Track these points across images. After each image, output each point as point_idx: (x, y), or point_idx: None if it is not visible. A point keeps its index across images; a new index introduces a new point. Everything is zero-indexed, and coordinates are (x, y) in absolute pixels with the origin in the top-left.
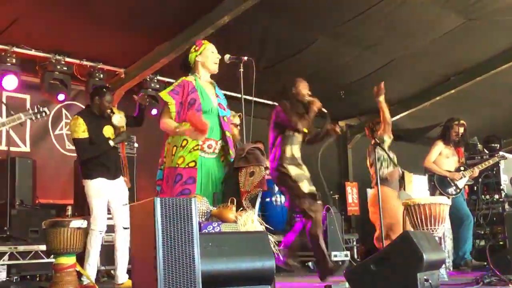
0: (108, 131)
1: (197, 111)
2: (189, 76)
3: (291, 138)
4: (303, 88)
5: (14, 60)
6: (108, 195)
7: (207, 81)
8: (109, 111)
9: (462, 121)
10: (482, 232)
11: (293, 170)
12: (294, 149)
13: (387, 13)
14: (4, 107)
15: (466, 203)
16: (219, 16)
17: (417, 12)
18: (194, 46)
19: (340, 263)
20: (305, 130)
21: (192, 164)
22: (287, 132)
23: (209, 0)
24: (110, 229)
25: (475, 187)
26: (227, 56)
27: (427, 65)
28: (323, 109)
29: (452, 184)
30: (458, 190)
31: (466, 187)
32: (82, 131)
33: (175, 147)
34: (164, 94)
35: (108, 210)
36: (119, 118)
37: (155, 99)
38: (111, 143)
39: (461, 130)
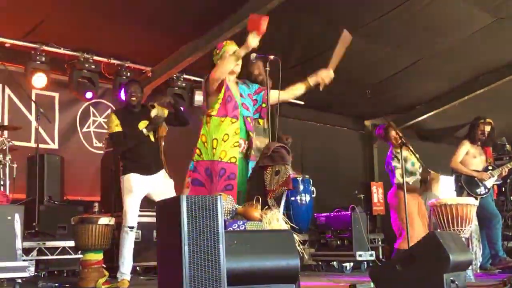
0: (143, 125)
1: (235, 108)
2: None
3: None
4: (255, 69)
5: (43, 59)
6: (145, 191)
7: (233, 81)
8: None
9: (488, 120)
10: (510, 234)
11: None
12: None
13: (415, 12)
14: (33, 105)
15: (494, 203)
16: (245, 15)
17: (445, 11)
18: (216, 49)
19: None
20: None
21: (233, 160)
22: None
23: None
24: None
25: (503, 188)
26: (253, 55)
27: (455, 64)
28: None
29: (480, 184)
30: (486, 190)
31: (495, 187)
32: (115, 125)
33: (215, 140)
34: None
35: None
36: (157, 111)
37: (181, 97)
38: (144, 131)
39: (488, 128)
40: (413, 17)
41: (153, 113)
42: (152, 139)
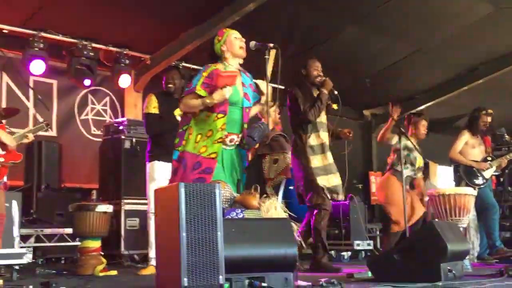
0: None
1: (223, 103)
2: (218, 64)
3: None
4: (315, 69)
5: (41, 45)
6: (166, 179)
7: (237, 68)
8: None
9: (490, 111)
10: (508, 224)
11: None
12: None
13: (416, 1)
14: (31, 92)
15: (493, 194)
16: (245, 3)
17: (446, 0)
18: (217, 37)
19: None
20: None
21: (213, 156)
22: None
23: None
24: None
25: (501, 179)
26: (252, 43)
27: (455, 54)
28: (335, 91)
29: (479, 175)
30: (485, 181)
31: (493, 178)
32: (153, 107)
33: (199, 135)
34: (200, 90)
35: None
36: None
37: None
38: (178, 118)
39: (489, 119)
40: (413, 7)
41: None
42: None
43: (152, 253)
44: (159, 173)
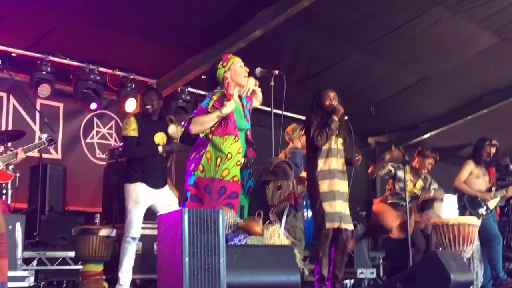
0: (159, 137)
1: (234, 128)
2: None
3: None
4: (327, 99)
5: (49, 69)
6: (150, 203)
7: (237, 94)
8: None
9: (494, 142)
10: None
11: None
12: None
13: (421, 30)
14: (37, 114)
15: (497, 224)
16: (251, 30)
17: (451, 30)
18: (221, 62)
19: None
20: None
21: (236, 179)
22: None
23: (241, 14)
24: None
25: (506, 209)
26: (258, 70)
27: (459, 83)
28: (345, 117)
29: (483, 205)
30: (489, 211)
31: (497, 208)
32: (132, 129)
33: (219, 158)
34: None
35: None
36: (174, 129)
37: (185, 110)
38: (160, 149)
39: (493, 150)
40: (418, 36)
41: (170, 129)
42: (164, 154)
43: (122, 279)
44: (142, 197)
